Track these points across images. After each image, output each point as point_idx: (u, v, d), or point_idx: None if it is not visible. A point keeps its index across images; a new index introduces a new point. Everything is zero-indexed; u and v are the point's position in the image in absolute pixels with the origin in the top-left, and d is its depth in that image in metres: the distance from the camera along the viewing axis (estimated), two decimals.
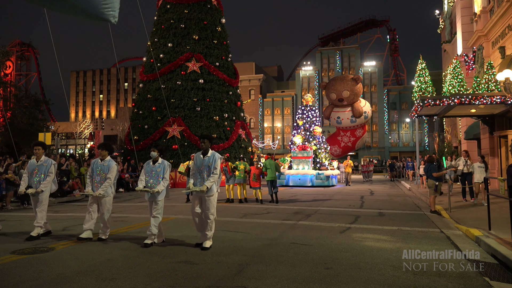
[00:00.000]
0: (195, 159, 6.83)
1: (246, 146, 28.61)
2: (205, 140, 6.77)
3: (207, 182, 6.52)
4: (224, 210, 12.22)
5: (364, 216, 10.60)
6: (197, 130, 25.58)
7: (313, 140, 25.23)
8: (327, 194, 18.36)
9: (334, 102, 37.74)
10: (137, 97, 29.12)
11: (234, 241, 7.17)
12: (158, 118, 26.21)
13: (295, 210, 11.95)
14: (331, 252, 6.34)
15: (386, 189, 22.08)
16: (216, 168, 6.64)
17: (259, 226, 8.87)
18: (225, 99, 27.70)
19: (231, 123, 27.58)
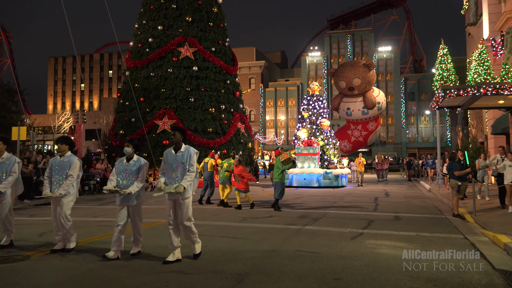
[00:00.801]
0: (165, 156, 6.52)
1: (245, 141, 28.61)
2: (175, 132, 6.50)
3: (183, 182, 6.24)
4: (221, 213, 12.22)
5: (378, 220, 10.60)
6: (191, 124, 25.58)
7: (320, 134, 25.16)
8: (337, 195, 18.36)
9: (343, 91, 37.72)
10: (123, 86, 29.08)
11: (232, 249, 7.17)
12: (147, 110, 26.20)
13: (300, 214, 11.95)
14: (341, 260, 6.34)
15: (403, 190, 22.08)
16: (193, 165, 6.37)
17: (261, 232, 8.88)
18: (222, 88, 27.66)
19: (229, 116, 27.56)
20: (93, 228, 9.62)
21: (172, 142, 6.58)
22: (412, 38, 76.48)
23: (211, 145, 25.36)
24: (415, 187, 24.32)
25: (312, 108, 25.92)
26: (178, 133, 6.50)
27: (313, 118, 25.62)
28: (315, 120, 25.57)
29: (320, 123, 25.37)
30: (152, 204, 14.29)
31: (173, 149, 6.51)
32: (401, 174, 44.96)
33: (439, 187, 20.11)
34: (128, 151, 6.92)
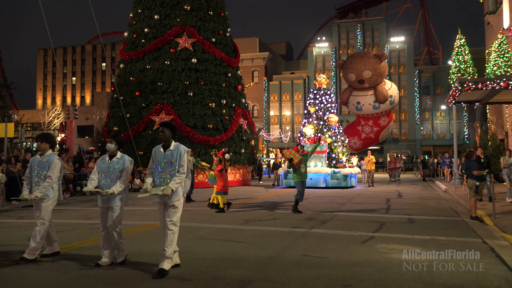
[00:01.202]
0: (154, 154, 6.36)
1: (248, 138, 28.61)
2: (164, 129, 6.32)
3: (171, 183, 6.04)
4: (222, 215, 12.23)
5: (391, 223, 10.59)
6: (190, 120, 25.59)
7: (327, 131, 25.13)
8: (346, 196, 18.35)
9: (353, 84, 37.65)
10: (117, 80, 29.11)
11: (234, 253, 7.18)
12: (143, 105, 26.23)
13: (307, 216, 11.95)
14: (351, 266, 6.33)
15: (417, 190, 22.05)
16: (183, 166, 6.18)
17: (264, 235, 8.89)
18: (223, 82, 27.66)
19: (230, 111, 27.56)
20: (86, 231, 9.65)
21: (161, 140, 6.34)
22: (427, 28, 76.25)
23: (211, 143, 25.37)
24: (430, 187, 24.29)
25: (319, 103, 25.89)
26: (167, 129, 6.30)
27: (320, 114, 25.59)
28: (322, 115, 25.55)
29: (327, 119, 25.33)
30: (149, 205, 14.31)
31: (162, 147, 6.31)
32: (414, 173, 44.89)
33: (455, 188, 20.07)
34: (110, 147, 6.75)
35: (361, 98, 37.12)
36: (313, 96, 26.27)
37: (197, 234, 9.00)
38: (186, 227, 9.92)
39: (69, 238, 8.73)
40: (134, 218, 11.61)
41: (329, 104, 25.95)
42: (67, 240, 8.48)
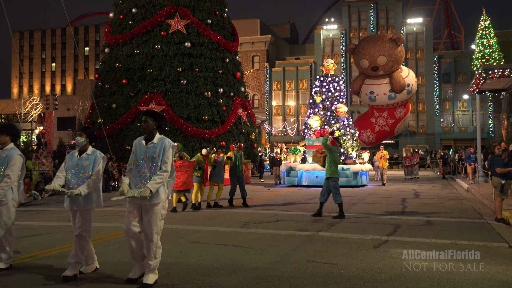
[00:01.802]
0: (134, 147, 6.10)
1: (248, 131, 28.61)
2: (147, 118, 6.03)
3: (150, 184, 5.75)
4: (219, 217, 12.25)
5: (406, 225, 10.61)
6: (183, 110, 25.59)
7: (335, 122, 25.07)
8: (356, 196, 18.35)
9: (366, 72, 37.58)
10: (101, 66, 29.06)
11: (232, 259, 7.20)
12: (131, 95, 26.22)
13: (313, 218, 11.98)
14: (362, 273, 6.35)
15: (436, 189, 22.05)
16: (166, 162, 5.91)
17: (266, 238, 8.91)
18: (220, 68, 27.63)
19: (228, 101, 27.55)
20: (67, 234, 9.65)
21: (144, 131, 6.05)
22: (448, 8, 75.99)
23: (207, 136, 25.38)
24: (451, 186, 24.29)
25: (326, 91, 25.79)
26: (151, 119, 6.03)
27: (327, 103, 25.47)
28: (330, 105, 25.44)
29: (335, 109, 25.22)
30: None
31: (144, 139, 6.07)
32: (433, 170, 44.89)
33: (479, 187, 20.08)
34: (80, 141, 6.45)
35: (375, 87, 37.02)
36: (320, 84, 26.16)
37: (191, 238, 9.01)
38: (179, 230, 9.94)
39: (48, 242, 8.75)
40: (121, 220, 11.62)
41: (338, 92, 25.83)
42: (46, 244, 8.50)
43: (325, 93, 25.76)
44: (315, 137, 24.09)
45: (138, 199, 5.81)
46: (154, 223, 5.85)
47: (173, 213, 13.10)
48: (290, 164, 25.04)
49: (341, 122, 25.21)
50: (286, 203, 15.69)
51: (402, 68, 37.50)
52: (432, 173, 40.12)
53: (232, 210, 13.73)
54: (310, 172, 23.70)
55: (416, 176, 32.38)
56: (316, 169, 23.32)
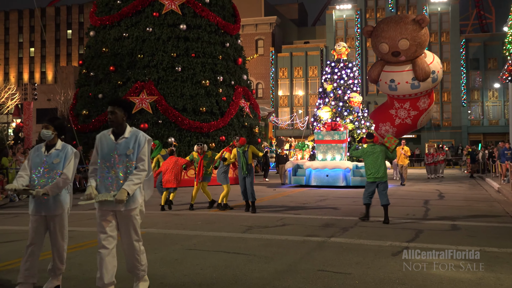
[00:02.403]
0: (99, 142, 5.77)
1: (251, 124, 28.60)
2: (115, 109, 5.69)
3: (127, 185, 5.47)
4: (218, 221, 12.27)
5: (429, 230, 10.60)
6: (178, 101, 25.60)
7: (349, 114, 24.99)
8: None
9: (385, 57, 37.48)
10: (86, 51, 29.07)
11: (233, 268, 7.20)
12: (119, 83, 26.24)
13: (324, 221, 11.98)
14: (379, 284, 6.35)
15: (463, 190, 22.00)
16: (143, 160, 5.65)
17: (271, 245, 8.92)
18: (220, 54, 27.60)
19: (229, 91, 27.54)
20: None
21: (112, 124, 5.72)
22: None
23: (205, 130, 25.39)
24: (479, 186, 24.24)
25: (338, 78, 25.67)
26: (119, 109, 5.69)
27: (339, 92, 25.36)
28: (342, 94, 25.34)
29: (348, 99, 25.13)
30: None
31: (112, 133, 5.75)
32: (460, 168, 44.78)
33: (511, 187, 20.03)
34: (47, 135, 6.15)
35: (396, 75, 36.90)
36: (330, 70, 26.06)
37: (187, 244, 9.02)
38: (174, 235, 9.95)
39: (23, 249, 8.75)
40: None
41: (351, 80, 25.73)
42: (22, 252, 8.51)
43: (337, 80, 25.64)
44: (325, 130, 23.96)
45: (112, 204, 5.52)
46: (134, 231, 5.67)
47: (166, 216, 13.11)
48: (297, 162, 24.91)
49: (354, 113, 25.12)
50: (293, 205, 15.69)
51: (426, 53, 37.40)
52: (459, 172, 40.04)
53: (233, 213, 13.75)
54: (320, 171, 23.62)
55: (440, 175, 32.32)
56: (326, 167, 23.25)
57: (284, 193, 20.77)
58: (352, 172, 23.26)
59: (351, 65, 26.25)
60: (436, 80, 37.47)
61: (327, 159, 23.72)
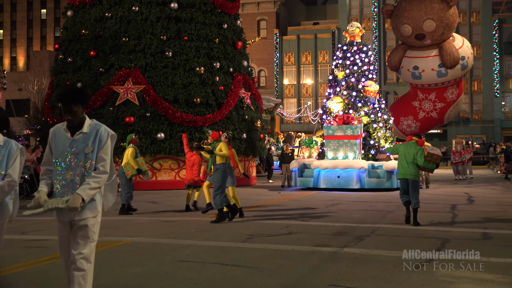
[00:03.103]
0: (52, 138, 5.49)
1: (252, 118, 28.56)
2: (73, 107, 5.27)
3: (82, 189, 5.17)
4: (215, 228, 12.28)
5: (457, 239, 10.60)
6: (168, 91, 25.55)
7: (363, 106, 24.80)
8: (392, 202, 18.33)
9: (408, 41, 37.34)
10: (63, 34, 29.03)
11: (232, 282, 7.22)
12: (101, 71, 26.20)
13: (336, 229, 11.99)
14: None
15: (496, 193, 21.99)
16: (105, 160, 5.37)
17: (275, 256, 8.93)
18: (216, 36, 27.55)
19: (227, 79, 27.50)
20: (19, 250, 9.70)
21: (67, 118, 5.35)
22: None
23: (199, 124, 25.35)
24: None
25: (351, 64, 25.52)
26: (78, 105, 5.31)
27: (352, 80, 25.20)
28: (356, 83, 25.19)
29: (363, 88, 24.98)
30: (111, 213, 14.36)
31: (67, 127, 5.42)
32: (492, 168, 44.73)
33: None
34: None
35: (419, 61, 36.79)
36: (342, 55, 25.90)
37: (178, 255, 9.04)
38: (163, 245, 9.96)
39: None
40: None
41: (366, 66, 25.57)
42: None
43: (350, 67, 25.49)
44: (336, 124, 23.70)
45: (64, 213, 5.24)
46: (83, 246, 5.27)
47: (154, 223, 13.12)
48: (304, 161, 24.81)
49: (370, 105, 24.94)
50: (301, 211, 15.71)
51: (454, 36, 37.29)
52: (490, 172, 40.00)
53: (232, 220, 13.75)
54: (330, 171, 23.38)
55: (469, 176, 32.29)
56: (337, 167, 22.96)
57: (289, 196, 20.79)
58: (368, 173, 23.14)
59: (366, 49, 26.10)
60: (466, 67, 37.34)
61: (338, 157, 23.45)
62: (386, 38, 62.94)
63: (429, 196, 20.52)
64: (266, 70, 66.23)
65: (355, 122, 23.57)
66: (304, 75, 65.65)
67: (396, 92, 57.90)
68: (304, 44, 65.58)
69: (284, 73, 66.02)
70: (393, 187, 23.07)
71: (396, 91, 57.76)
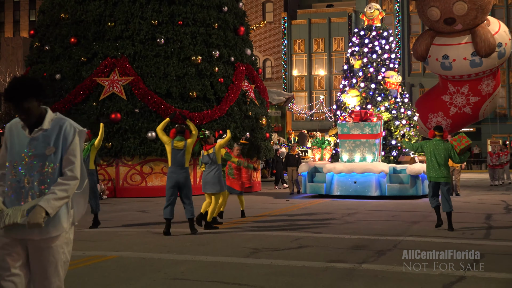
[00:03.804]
0: (9, 135, 5.09)
1: (256, 114, 28.56)
2: (25, 103, 4.82)
3: (45, 201, 4.70)
4: (214, 241, 12.30)
5: (492, 254, 10.60)
6: (160, 83, 25.58)
7: (383, 100, 24.67)
8: (417, 211, 18.35)
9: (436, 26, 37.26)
10: (39, 18, 29.07)
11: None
12: (82, 60, 26.23)
13: (353, 242, 12.00)
14: None
15: None
16: (74, 162, 4.92)
17: (283, 273, 8.94)
18: (215, 21, 27.56)
19: (227, 70, 27.51)
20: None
21: (22, 118, 4.93)
22: None
23: (196, 121, 25.32)
24: None
25: (369, 52, 25.39)
26: (32, 100, 4.90)
27: (370, 71, 25.02)
28: (375, 73, 25.06)
29: (383, 80, 24.88)
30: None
31: (24, 123, 5.04)
32: None
33: None
34: None
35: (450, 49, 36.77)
36: (359, 41, 25.73)
37: (172, 272, 9.06)
38: (155, 260, 9.98)
39: None
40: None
41: (387, 54, 25.40)
42: None
43: (368, 55, 25.29)
44: (352, 121, 23.45)
45: (22, 230, 4.73)
46: (53, 272, 4.85)
47: (145, 235, 13.13)
48: (315, 164, 24.58)
49: (391, 99, 24.78)
50: (312, 221, 15.72)
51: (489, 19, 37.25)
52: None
53: (232, 232, 13.76)
54: (345, 176, 23.11)
55: (506, 181, 32.21)
56: (353, 171, 22.69)
57: (299, 205, 20.78)
58: (389, 178, 22.87)
59: (386, 34, 25.82)
60: (504, 56, 37.30)
61: (354, 160, 23.24)
62: (411, 23, 62.86)
63: (461, 204, 20.49)
64: (272, 59, 66.25)
65: (374, 118, 23.35)
66: (316, 65, 65.62)
67: (422, 85, 57.86)
68: (316, 30, 65.54)
69: (293, 63, 66.02)
70: (418, 194, 22.92)
71: (423, 83, 57.74)
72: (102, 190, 23.99)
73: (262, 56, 64.48)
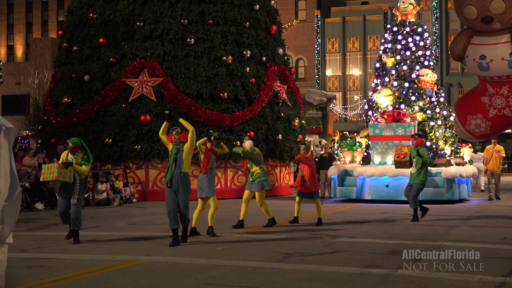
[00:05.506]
0: None
1: (289, 116, 28.54)
2: None
3: None
4: (245, 246, 12.33)
5: None
6: (190, 84, 25.65)
7: (418, 100, 24.43)
8: (455, 215, 18.24)
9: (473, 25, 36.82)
10: (67, 18, 29.33)
11: None
12: (111, 61, 26.39)
13: (389, 247, 11.99)
14: None
15: None
16: None
17: (316, 279, 8.94)
18: (247, 20, 27.59)
19: (259, 70, 27.52)
20: (19, 270, 9.82)
21: None
22: None
23: (227, 123, 25.39)
24: None
25: (403, 49, 25.16)
26: None
27: (404, 69, 24.79)
28: (408, 71, 24.84)
29: (418, 78, 24.68)
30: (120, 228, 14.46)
31: None
32: None
33: None
34: None
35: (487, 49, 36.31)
36: (392, 37, 25.45)
37: (203, 277, 9.09)
38: (185, 265, 10.02)
39: None
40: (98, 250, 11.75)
41: (421, 51, 25.20)
42: None
43: (401, 52, 25.08)
44: (384, 122, 23.21)
45: None
46: None
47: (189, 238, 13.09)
48: (345, 167, 24.27)
49: (426, 98, 24.55)
50: (346, 226, 15.71)
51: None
52: None
53: (264, 237, 13.77)
54: (377, 179, 22.93)
55: None
56: (386, 174, 22.55)
57: (331, 209, 20.74)
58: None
59: (421, 30, 25.52)
60: None
61: (387, 162, 23.05)
62: (449, 20, 62.40)
63: (501, 208, 20.35)
64: (305, 59, 66.17)
65: (408, 119, 23.18)
66: (350, 65, 65.42)
67: (461, 85, 57.43)
68: (351, 28, 65.33)
69: (327, 63, 65.88)
70: (454, 198, 22.62)
71: (461, 83, 57.29)
72: (132, 193, 24.15)
73: (294, 56, 64.42)
